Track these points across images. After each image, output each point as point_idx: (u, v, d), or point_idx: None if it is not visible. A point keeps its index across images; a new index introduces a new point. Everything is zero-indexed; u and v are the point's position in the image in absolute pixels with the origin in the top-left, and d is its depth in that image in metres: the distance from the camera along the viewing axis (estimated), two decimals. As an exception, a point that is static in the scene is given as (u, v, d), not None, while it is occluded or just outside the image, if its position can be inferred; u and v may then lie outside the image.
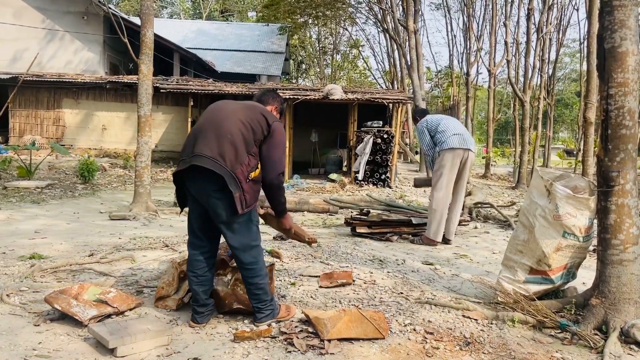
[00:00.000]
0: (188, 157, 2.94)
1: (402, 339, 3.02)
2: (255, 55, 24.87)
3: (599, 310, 3.24)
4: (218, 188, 2.87)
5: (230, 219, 2.94)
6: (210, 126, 2.98)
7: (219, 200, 2.90)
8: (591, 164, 9.57)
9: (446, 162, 5.62)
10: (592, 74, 9.56)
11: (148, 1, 7.78)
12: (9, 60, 17.59)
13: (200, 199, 2.99)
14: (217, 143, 2.89)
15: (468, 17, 21.46)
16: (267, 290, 3.09)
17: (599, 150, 3.33)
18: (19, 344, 2.77)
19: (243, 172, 2.89)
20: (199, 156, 2.87)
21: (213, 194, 2.90)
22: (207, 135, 2.94)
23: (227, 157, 2.86)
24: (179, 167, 2.97)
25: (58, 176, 11.40)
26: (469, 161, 5.74)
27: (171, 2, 44.68)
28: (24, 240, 5.34)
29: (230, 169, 2.85)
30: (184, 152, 3.01)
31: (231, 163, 2.86)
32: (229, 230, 2.98)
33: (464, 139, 5.67)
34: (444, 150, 5.63)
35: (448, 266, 4.90)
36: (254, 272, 3.04)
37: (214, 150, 2.87)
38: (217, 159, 2.85)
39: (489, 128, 20.72)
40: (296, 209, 8.28)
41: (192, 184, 2.99)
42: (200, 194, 2.96)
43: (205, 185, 2.91)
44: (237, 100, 3.23)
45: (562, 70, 37.15)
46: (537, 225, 3.54)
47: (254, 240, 3.06)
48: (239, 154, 2.89)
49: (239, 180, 2.86)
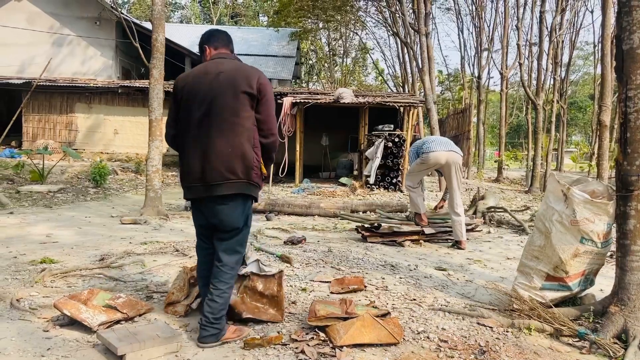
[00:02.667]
0: (199, 175, 2.83)
1: (416, 347, 2.96)
2: (265, 59, 24.92)
3: (618, 318, 3.15)
4: (228, 194, 2.83)
5: (233, 226, 2.89)
6: (210, 131, 2.81)
7: (226, 206, 2.85)
8: (606, 167, 9.43)
9: (425, 160, 5.96)
10: (606, 76, 9.43)
11: (159, 6, 7.80)
12: (22, 65, 17.80)
13: (207, 205, 2.91)
14: (226, 159, 2.79)
15: (479, 20, 21.34)
16: (225, 304, 2.93)
17: (617, 154, 3.25)
18: (28, 349, 2.75)
19: (257, 174, 2.88)
20: (213, 174, 2.79)
21: (219, 201, 2.85)
22: (212, 148, 2.80)
23: (240, 170, 2.81)
24: (193, 195, 2.91)
25: (70, 180, 11.46)
26: (454, 162, 5.94)
27: (182, 6, 45.02)
28: (35, 244, 5.35)
29: (246, 179, 2.82)
30: (192, 169, 2.86)
31: (245, 174, 2.82)
32: (225, 233, 2.92)
33: (445, 143, 6.06)
34: (426, 153, 5.96)
35: (461, 272, 4.82)
36: (225, 277, 2.91)
37: (224, 166, 2.79)
38: (230, 178, 2.80)
39: (501, 131, 20.58)
40: (307, 212, 8.24)
41: (201, 194, 2.91)
42: (208, 201, 2.89)
43: (215, 192, 2.83)
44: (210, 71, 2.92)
45: (575, 73, 36.82)
46: (553, 231, 3.46)
47: (240, 246, 2.99)
48: (248, 161, 2.82)
49: (255, 183, 2.87)
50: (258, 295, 3.27)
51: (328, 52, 34.34)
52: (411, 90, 22.46)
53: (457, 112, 20.23)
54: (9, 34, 17.51)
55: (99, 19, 18.11)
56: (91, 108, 16.56)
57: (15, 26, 17.42)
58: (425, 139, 6.34)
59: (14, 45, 17.82)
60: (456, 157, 5.96)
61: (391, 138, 11.93)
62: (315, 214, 8.24)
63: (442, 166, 6.01)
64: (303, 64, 34.49)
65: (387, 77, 34.68)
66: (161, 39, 7.79)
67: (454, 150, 5.98)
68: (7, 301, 3.43)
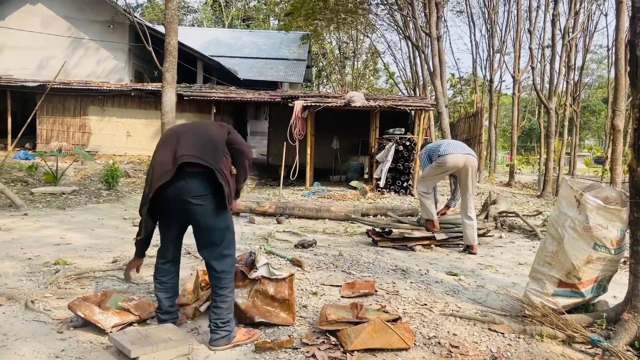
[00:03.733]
0: (171, 165, 2.85)
1: (427, 353, 2.95)
2: (276, 62, 25.00)
3: (631, 325, 3.12)
4: (200, 193, 2.85)
5: (210, 225, 2.90)
6: (182, 134, 3.01)
7: (200, 205, 2.86)
8: (619, 172, 9.36)
9: (442, 164, 5.87)
10: (620, 80, 9.36)
11: (172, 10, 7.87)
12: (37, 68, 18.03)
13: (177, 207, 2.90)
14: (198, 143, 2.92)
15: (491, 23, 21.26)
16: (231, 307, 2.97)
17: (631, 159, 3.23)
18: (42, 350, 2.78)
19: (226, 167, 2.93)
20: (186, 156, 2.85)
21: (193, 200, 2.85)
22: (184, 140, 2.94)
23: (210, 154, 2.88)
24: (165, 179, 2.86)
25: (83, 182, 11.57)
26: (470, 165, 5.87)
27: (194, 9, 45.32)
28: (49, 246, 5.41)
29: (215, 166, 2.86)
30: (163, 163, 2.89)
31: (214, 160, 2.88)
32: (207, 237, 2.93)
33: (462, 146, 6.01)
34: (443, 156, 5.86)
35: (473, 277, 4.80)
36: (225, 282, 2.93)
37: (197, 150, 2.88)
38: (203, 157, 2.85)
39: (513, 135, 20.45)
40: (317, 216, 8.25)
41: (170, 194, 2.88)
42: (179, 202, 2.87)
43: (187, 190, 2.84)
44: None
45: (588, 77, 36.51)
46: (566, 237, 3.44)
47: (228, 248, 2.98)
48: (218, 151, 2.93)
49: (225, 175, 2.89)
50: (269, 299, 3.28)
51: (339, 55, 34.36)
52: (422, 94, 22.41)
53: (468, 116, 20.15)
54: (24, 37, 17.75)
55: (112, 22, 18.29)
56: (104, 111, 16.72)
57: (30, 29, 17.66)
58: (440, 142, 6.27)
59: (28, 49, 18.05)
60: (473, 161, 5.90)
61: (402, 142, 11.90)
62: (325, 217, 8.24)
63: (459, 170, 5.92)
64: (314, 67, 34.55)
65: (398, 80, 34.62)
66: (174, 43, 7.87)
67: (471, 154, 5.93)
68: (21, 302, 3.48)
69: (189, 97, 14.84)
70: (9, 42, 18.10)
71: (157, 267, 3.14)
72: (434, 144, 6.32)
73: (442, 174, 6.16)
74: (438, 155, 5.91)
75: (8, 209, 7.75)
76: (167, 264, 3.13)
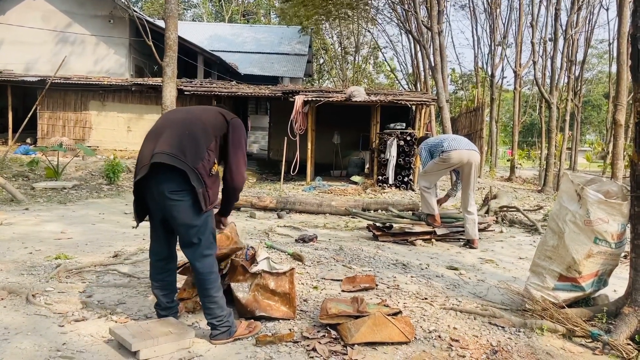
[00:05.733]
0: (147, 160, 2.81)
1: (427, 346, 2.96)
2: (277, 57, 24.96)
3: (632, 319, 3.12)
4: (176, 189, 2.77)
5: (187, 223, 2.83)
6: (167, 126, 2.92)
7: (177, 202, 2.79)
8: (621, 167, 9.35)
9: (446, 159, 5.84)
10: (622, 75, 9.34)
11: (172, 4, 7.85)
12: (37, 62, 18.01)
13: (158, 202, 2.87)
14: (177, 140, 2.81)
15: (493, 18, 21.19)
16: (221, 304, 2.93)
17: (632, 153, 3.22)
18: (44, 344, 2.79)
19: (204, 167, 2.80)
20: (159, 154, 2.77)
21: (170, 196, 2.79)
22: (165, 135, 2.85)
23: (188, 152, 2.78)
24: (141, 174, 2.83)
25: (84, 177, 11.58)
26: (473, 161, 5.86)
27: (194, 4, 45.19)
28: (50, 241, 5.42)
29: (191, 165, 2.76)
30: (142, 158, 2.87)
31: (192, 158, 2.77)
32: (185, 235, 2.89)
33: (465, 142, 5.97)
34: (447, 152, 5.82)
35: (473, 271, 4.80)
36: (208, 283, 2.90)
37: (173, 147, 2.78)
38: (177, 155, 2.76)
39: (515, 130, 20.42)
40: (318, 210, 8.25)
41: (151, 188, 2.86)
42: (159, 197, 2.83)
43: (164, 186, 2.79)
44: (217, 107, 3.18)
45: (590, 72, 36.42)
46: (567, 231, 3.44)
47: (208, 248, 2.93)
48: (199, 148, 2.81)
49: (201, 175, 2.78)
50: (270, 292, 3.29)
51: (340, 49, 34.27)
52: (423, 88, 22.36)
53: (469, 111, 20.12)
54: (25, 32, 17.73)
55: (112, 17, 18.26)
56: (105, 105, 16.71)
57: (30, 24, 17.63)
58: (442, 138, 6.22)
59: (29, 43, 18.05)
60: (477, 157, 5.90)
61: (403, 136, 11.90)
62: (326, 212, 8.25)
63: (462, 165, 5.90)
64: (314, 62, 34.48)
65: (399, 75, 34.55)
66: (174, 37, 7.85)
67: (474, 150, 5.92)
68: (23, 296, 3.48)
69: (189, 91, 14.83)
70: (9, 37, 18.09)
71: (152, 264, 3.09)
72: (434, 139, 6.28)
73: (445, 170, 6.14)
74: (442, 151, 5.86)
75: (9, 204, 7.76)
76: (161, 262, 3.07)
